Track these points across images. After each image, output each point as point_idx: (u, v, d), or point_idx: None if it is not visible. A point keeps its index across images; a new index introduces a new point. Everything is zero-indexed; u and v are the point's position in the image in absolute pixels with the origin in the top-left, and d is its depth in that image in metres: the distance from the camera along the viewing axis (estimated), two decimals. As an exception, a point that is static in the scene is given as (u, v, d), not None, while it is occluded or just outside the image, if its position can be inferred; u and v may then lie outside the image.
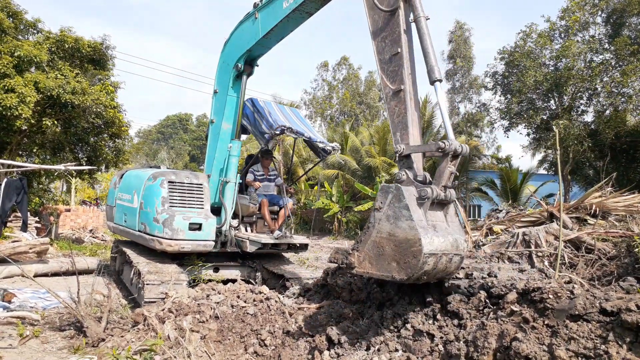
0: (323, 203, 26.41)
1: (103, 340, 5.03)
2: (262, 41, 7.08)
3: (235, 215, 7.80)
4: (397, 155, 4.41)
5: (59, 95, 13.78)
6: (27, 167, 13.11)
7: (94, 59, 16.60)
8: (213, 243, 7.38)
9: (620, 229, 7.92)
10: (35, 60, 14.05)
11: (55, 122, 14.75)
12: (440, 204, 4.17)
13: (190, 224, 7.10)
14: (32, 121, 14.17)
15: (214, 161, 7.90)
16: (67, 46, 15.57)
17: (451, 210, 4.28)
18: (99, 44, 16.47)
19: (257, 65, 7.83)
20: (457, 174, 4.29)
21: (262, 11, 6.85)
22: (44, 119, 14.32)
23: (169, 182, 7.30)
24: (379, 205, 4.10)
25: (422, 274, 3.83)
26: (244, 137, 10.00)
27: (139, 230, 7.54)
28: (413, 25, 4.57)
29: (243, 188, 8.38)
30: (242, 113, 7.91)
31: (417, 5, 4.47)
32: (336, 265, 4.43)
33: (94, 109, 15.14)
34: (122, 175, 8.88)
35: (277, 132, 7.73)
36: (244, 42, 7.36)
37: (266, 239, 7.49)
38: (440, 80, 4.39)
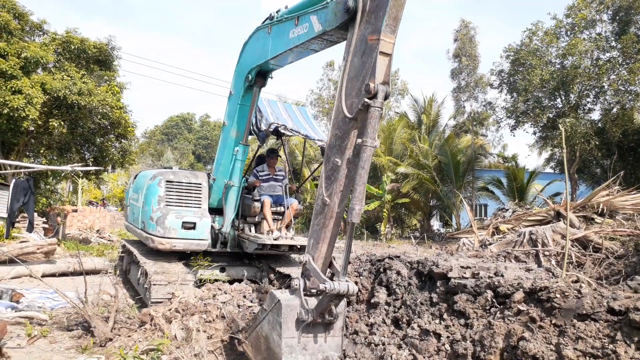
0: (329, 203, 26.38)
1: (110, 340, 5.05)
2: (272, 61, 6.45)
3: (240, 215, 7.81)
4: (301, 263, 4.36)
5: (65, 96, 13.87)
6: (34, 167, 13.21)
7: (99, 60, 16.70)
8: (207, 242, 7.42)
9: (628, 228, 7.88)
10: (42, 61, 14.15)
11: (62, 123, 14.85)
12: (321, 325, 4.18)
13: (183, 222, 7.18)
14: (39, 122, 14.28)
15: (221, 163, 7.91)
16: (73, 47, 15.67)
17: (337, 325, 4.26)
18: (105, 44, 16.56)
19: (272, 77, 7.29)
20: (335, 311, 4.17)
21: (275, 27, 6.17)
22: (50, 120, 14.42)
23: (166, 181, 7.45)
24: (265, 306, 4.31)
25: None
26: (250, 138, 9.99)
27: (140, 228, 7.74)
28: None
29: (251, 188, 8.36)
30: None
31: (367, 131, 3.82)
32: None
33: (100, 110, 15.24)
34: (136, 175, 9.07)
35: (271, 130, 7.74)
36: (256, 55, 6.69)
37: (265, 239, 7.41)
38: (356, 223, 3.86)
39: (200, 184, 7.68)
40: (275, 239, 7.41)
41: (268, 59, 6.25)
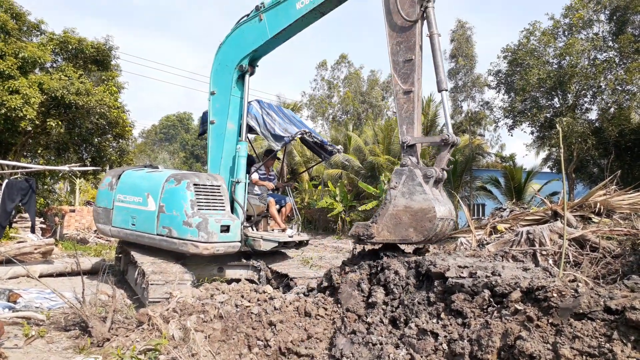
0: (327, 203, 26.41)
1: (108, 340, 5.05)
2: (271, 42, 7.39)
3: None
4: (404, 144, 5.32)
5: (63, 96, 13.84)
6: (31, 167, 13.18)
7: (97, 60, 16.66)
8: (240, 244, 7.47)
9: (625, 227, 7.89)
10: (39, 61, 14.13)
11: (60, 122, 14.82)
12: (436, 182, 5.19)
13: (221, 226, 7.14)
14: (37, 122, 14.25)
15: (221, 162, 7.93)
16: (70, 47, 15.66)
17: (441, 187, 5.37)
18: (102, 44, 16.54)
19: (258, 66, 8.03)
20: (452, 159, 5.28)
21: (268, 13, 7.23)
22: (48, 120, 14.39)
23: (194, 184, 7.27)
24: (394, 184, 5.15)
25: (433, 235, 4.98)
26: (251, 136, 10.12)
27: (159, 234, 7.41)
28: (424, 37, 5.43)
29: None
30: (249, 114, 7.99)
31: (432, 23, 5.29)
32: (355, 239, 5.40)
33: (98, 110, 15.20)
34: (119, 175, 8.48)
35: (298, 137, 8.04)
36: (248, 43, 7.55)
37: (283, 237, 7.62)
38: (447, 90, 5.37)
39: (220, 186, 7.65)
40: (290, 236, 7.63)
41: (269, 38, 7.23)
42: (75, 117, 15.28)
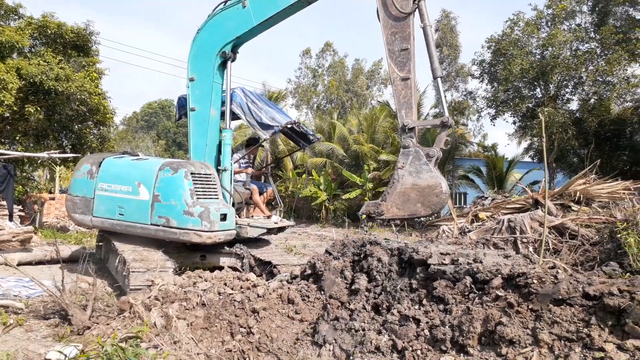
0: (311, 191, 26.40)
1: (88, 328, 4.99)
2: (255, 28, 7.32)
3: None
4: (405, 127, 5.82)
5: (42, 81, 13.56)
6: (9, 154, 12.90)
7: (77, 45, 16.34)
8: (235, 232, 7.46)
9: (604, 215, 8.04)
10: (17, 46, 13.81)
11: (39, 109, 14.54)
12: (436, 161, 5.69)
13: (220, 214, 7.13)
14: (15, 108, 13.94)
15: (206, 149, 7.86)
16: (49, 32, 15.32)
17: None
18: (82, 29, 16.21)
19: (239, 52, 7.98)
20: (449, 140, 5.97)
21: (253, 0, 7.20)
22: (26, 106, 14.10)
23: (191, 173, 7.20)
24: (401, 165, 5.75)
25: (439, 208, 5.65)
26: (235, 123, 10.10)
27: (154, 224, 7.27)
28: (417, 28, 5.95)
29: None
30: (233, 101, 7.93)
31: (425, 16, 5.85)
32: (365, 215, 5.98)
33: (78, 96, 14.93)
34: (99, 163, 8.12)
35: (288, 127, 8.04)
36: (231, 29, 7.46)
37: (269, 223, 7.66)
38: (442, 77, 6.00)
39: (212, 174, 7.58)
40: (276, 222, 7.69)
41: (254, 25, 7.20)
42: (54, 103, 14.99)
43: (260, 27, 7.29)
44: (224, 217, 7.19)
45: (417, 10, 5.85)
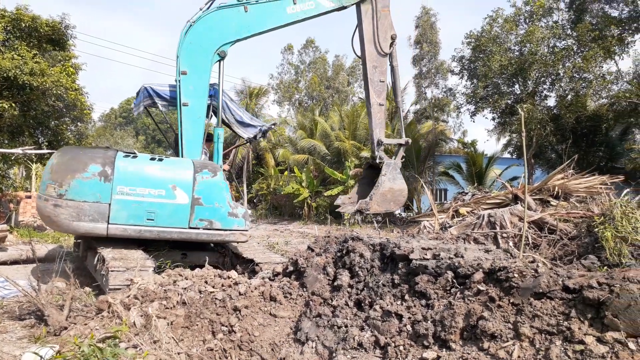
0: (293, 188, 26.35)
1: (65, 328, 4.88)
2: (257, 34, 7.80)
3: None
4: (381, 143, 7.96)
5: (16, 76, 13.23)
6: (-18, 151, 12.58)
7: (52, 39, 15.96)
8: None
9: (581, 210, 8.16)
10: (-11, 39, 13.42)
11: (13, 104, 14.16)
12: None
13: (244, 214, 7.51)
14: (-13, 104, 13.58)
15: (200, 145, 7.76)
16: (23, 25, 14.92)
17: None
18: (58, 23, 15.83)
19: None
20: (404, 155, 8.36)
21: (256, 7, 7.59)
22: (0, 101, 13.73)
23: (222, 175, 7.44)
24: (384, 173, 7.77)
25: (402, 205, 8.22)
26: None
27: (194, 228, 7.15)
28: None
29: None
30: (212, 97, 7.91)
31: (394, 57, 8.15)
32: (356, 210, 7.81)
33: (54, 91, 14.59)
34: (113, 162, 7.09)
35: (274, 129, 8.48)
36: (231, 30, 7.63)
37: None
38: (402, 107, 8.46)
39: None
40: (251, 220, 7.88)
41: (255, 33, 7.68)
42: (29, 98, 14.63)
43: (260, 33, 7.78)
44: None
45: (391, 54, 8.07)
